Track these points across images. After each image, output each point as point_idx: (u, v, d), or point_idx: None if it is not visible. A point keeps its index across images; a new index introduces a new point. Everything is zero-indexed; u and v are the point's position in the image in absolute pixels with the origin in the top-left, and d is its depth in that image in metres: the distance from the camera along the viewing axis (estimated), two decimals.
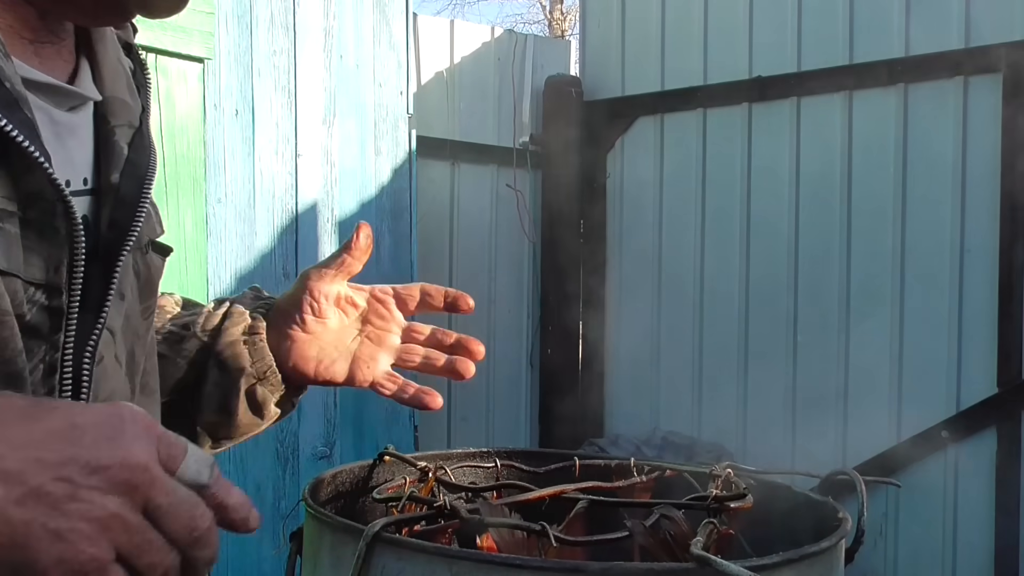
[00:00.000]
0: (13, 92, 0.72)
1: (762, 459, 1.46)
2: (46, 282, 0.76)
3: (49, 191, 0.75)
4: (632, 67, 4.80)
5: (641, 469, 1.15)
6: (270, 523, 3.25)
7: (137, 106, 0.91)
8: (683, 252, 4.58)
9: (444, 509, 0.87)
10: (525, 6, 23.79)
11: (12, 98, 0.72)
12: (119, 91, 0.89)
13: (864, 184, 4.06)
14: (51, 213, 0.76)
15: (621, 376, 4.83)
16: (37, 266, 0.75)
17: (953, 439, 3.84)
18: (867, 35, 4.05)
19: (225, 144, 3.42)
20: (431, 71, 4.66)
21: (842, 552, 0.88)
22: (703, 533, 0.84)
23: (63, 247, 0.77)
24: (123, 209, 0.84)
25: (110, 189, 0.84)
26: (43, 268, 0.76)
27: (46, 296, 0.76)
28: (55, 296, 0.77)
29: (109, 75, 0.88)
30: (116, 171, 0.85)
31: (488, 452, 1.23)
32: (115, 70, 0.90)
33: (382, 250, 3.98)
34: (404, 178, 4.07)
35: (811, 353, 4.21)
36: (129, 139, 0.87)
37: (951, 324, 3.85)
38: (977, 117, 3.80)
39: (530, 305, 5.04)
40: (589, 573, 0.72)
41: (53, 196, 0.75)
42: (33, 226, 0.75)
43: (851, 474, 0.99)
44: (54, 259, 0.77)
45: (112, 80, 0.88)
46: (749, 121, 4.39)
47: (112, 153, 0.85)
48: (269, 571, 3.37)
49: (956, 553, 3.86)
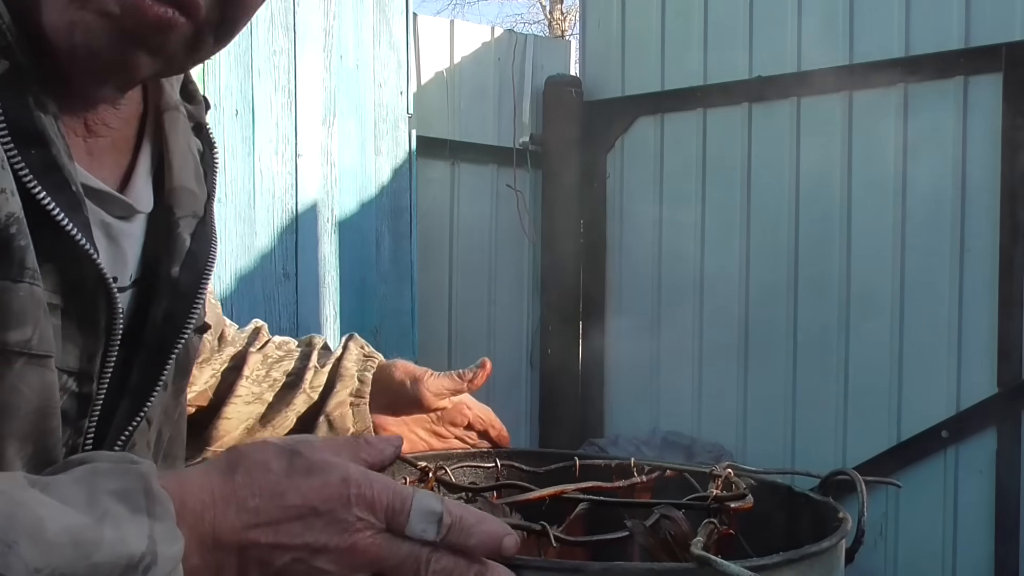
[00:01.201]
0: (77, 195, 0.74)
1: (762, 459, 1.46)
2: (79, 370, 0.77)
3: (93, 283, 0.76)
4: (632, 67, 4.79)
5: (641, 469, 1.15)
6: None
7: (203, 193, 0.91)
8: (683, 252, 4.58)
9: None
10: (525, 6, 23.81)
11: (76, 201, 0.73)
12: (187, 180, 0.88)
13: (864, 184, 4.06)
14: (93, 305, 0.77)
15: (621, 376, 4.82)
16: (72, 354, 0.76)
17: (953, 439, 3.84)
18: (867, 35, 4.05)
19: (225, 144, 3.42)
20: (431, 71, 4.66)
21: (842, 552, 0.88)
22: (703, 533, 0.84)
23: (100, 338, 0.78)
24: (180, 302, 0.85)
25: (168, 282, 0.84)
26: (78, 357, 0.77)
27: (77, 383, 0.77)
28: (86, 383, 0.78)
29: (178, 164, 0.88)
30: (176, 264, 0.85)
31: (488, 452, 1.23)
32: (184, 158, 0.89)
33: (382, 250, 3.98)
34: (404, 178, 4.07)
35: (811, 353, 4.21)
36: (192, 229, 0.87)
37: (951, 324, 3.85)
38: (977, 117, 3.80)
39: (530, 305, 5.04)
40: (589, 573, 0.72)
41: (97, 288, 0.76)
42: (73, 316, 0.76)
43: (851, 474, 0.99)
44: (89, 349, 0.78)
45: (181, 169, 0.88)
46: (749, 121, 4.39)
47: (174, 246, 0.85)
48: None
49: (956, 553, 3.86)
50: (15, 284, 0.68)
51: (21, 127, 0.70)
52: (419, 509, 0.67)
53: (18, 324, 0.69)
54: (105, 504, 0.60)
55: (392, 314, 3.99)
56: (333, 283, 3.80)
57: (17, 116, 0.70)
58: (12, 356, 0.69)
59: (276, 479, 0.66)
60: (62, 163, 0.72)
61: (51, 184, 0.71)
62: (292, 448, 0.69)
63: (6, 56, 0.70)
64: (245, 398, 1.19)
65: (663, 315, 4.66)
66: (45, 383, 0.71)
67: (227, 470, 0.67)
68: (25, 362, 0.70)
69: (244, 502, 0.65)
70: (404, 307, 4.06)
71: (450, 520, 0.68)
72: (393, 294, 4.02)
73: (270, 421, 1.20)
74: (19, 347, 0.69)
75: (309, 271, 3.73)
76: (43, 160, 0.71)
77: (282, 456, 0.68)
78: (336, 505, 0.66)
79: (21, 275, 0.68)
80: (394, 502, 0.67)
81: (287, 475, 0.67)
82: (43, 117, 0.72)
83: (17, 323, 0.68)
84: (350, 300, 3.83)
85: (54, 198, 0.71)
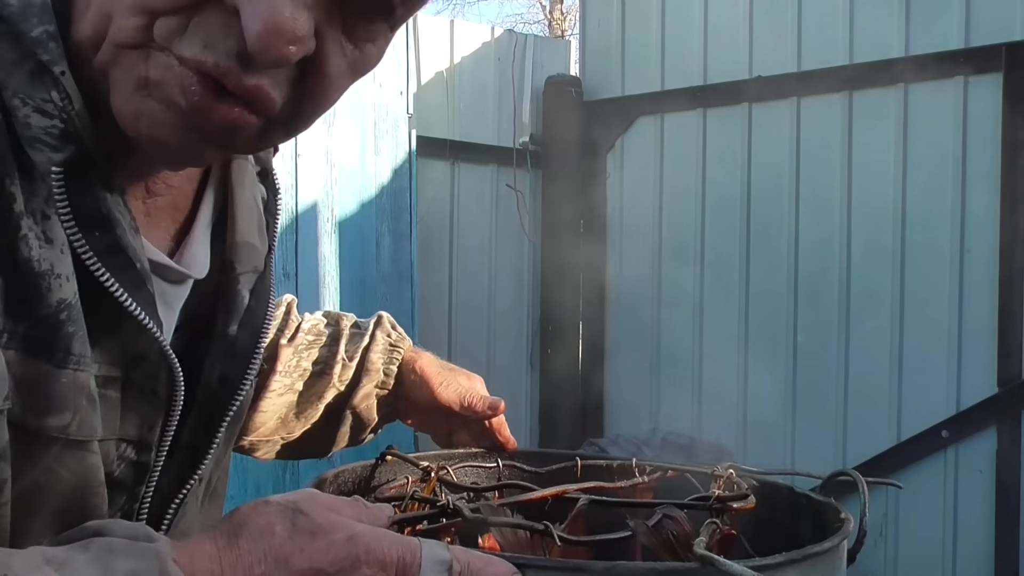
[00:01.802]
0: (142, 273, 0.73)
1: (762, 459, 1.46)
2: (138, 439, 0.77)
3: (155, 357, 0.76)
4: (632, 67, 4.79)
5: (643, 469, 1.16)
6: None
7: (264, 247, 0.89)
8: (683, 252, 4.58)
9: (447, 509, 0.87)
10: (525, 6, 23.82)
11: (140, 279, 0.73)
12: (249, 235, 0.86)
13: (864, 184, 4.06)
14: (154, 378, 0.77)
15: (621, 376, 4.83)
16: (132, 423, 0.76)
17: (953, 439, 3.84)
18: (867, 35, 4.05)
19: None
20: (431, 71, 4.66)
21: (844, 552, 0.88)
22: (706, 533, 0.84)
23: (161, 409, 0.78)
24: (236, 363, 0.83)
25: (225, 341, 0.83)
26: (137, 426, 0.77)
27: (135, 452, 0.77)
28: (144, 452, 0.78)
29: (243, 217, 0.86)
30: (235, 323, 0.83)
31: (490, 452, 1.23)
32: (249, 210, 0.87)
33: (382, 250, 3.98)
34: (404, 178, 4.07)
35: (811, 353, 4.21)
36: (251, 285, 0.86)
37: (951, 324, 3.85)
38: (977, 117, 3.80)
39: (530, 305, 5.04)
40: (592, 573, 0.72)
41: (159, 362, 0.76)
42: (134, 387, 0.76)
43: (853, 475, 0.99)
44: (149, 419, 0.78)
45: (246, 224, 0.86)
46: (749, 121, 4.39)
47: (233, 303, 0.84)
48: None
49: (956, 553, 3.86)
50: (58, 370, 0.68)
51: (86, 211, 0.69)
52: (429, 559, 0.68)
53: (58, 410, 0.68)
54: None
55: (392, 314, 3.98)
56: (333, 283, 3.80)
57: (82, 200, 0.69)
58: (50, 441, 0.69)
59: (280, 543, 0.66)
60: (126, 243, 0.71)
61: (115, 265, 0.71)
62: (294, 507, 0.68)
63: (72, 141, 0.68)
64: (278, 391, 1.19)
65: (663, 315, 4.66)
66: (85, 465, 0.71)
67: (232, 535, 0.67)
68: (63, 447, 0.70)
69: (250, 569, 0.65)
70: (404, 307, 4.06)
71: (459, 567, 0.68)
72: (393, 294, 4.02)
73: (302, 413, 1.21)
74: (57, 432, 0.69)
75: (309, 271, 3.73)
76: (107, 242, 0.71)
77: (284, 517, 0.68)
78: (345, 565, 0.66)
79: (65, 362, 0.68)
80: (404, 555, 0.67)
81: (291, 538, 0.66)
82: (108, 197, 0.71)
83: (57, 409, 0.68)
84: (350, 300, 3.83)
85: (118, 279, 0.71)
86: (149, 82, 0.66)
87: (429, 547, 0.68)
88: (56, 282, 0.68)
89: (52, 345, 0.68)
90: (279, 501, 0.69)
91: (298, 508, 0.69)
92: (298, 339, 1.24)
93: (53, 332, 0.68)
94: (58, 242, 0.68)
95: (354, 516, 0.72)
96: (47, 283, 0.67)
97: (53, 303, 0.67)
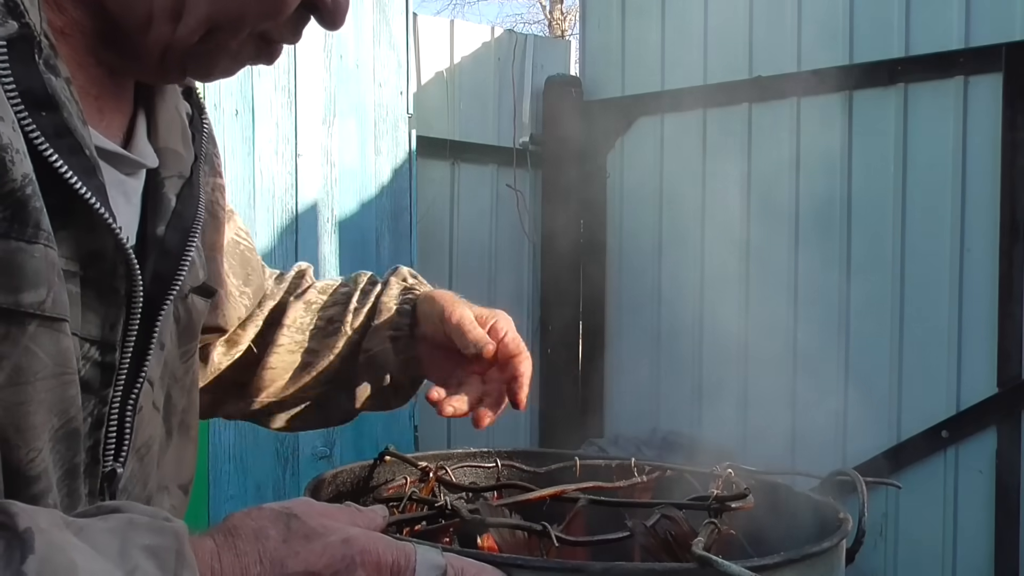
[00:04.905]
0: (91, 160, 0.73)
1: (762, 459, 1.46)
2: (101, 339, 0.77)
3: (112, 251, 0.76)
4: (632, 67, 4.79)
5: (642, 469, 1.16)
6: None
7: (190, 155, 0.91)
8: (683, 252, 4.58)
9: (445, 509, 0.87)
10: (525, 6, 23.81)
11: (90, 165, 0.73)
12: (173, 142, 0.89)
13: (864, 184, 4.06)
14: (112, 273, 0.76)
15: (621, 376, 4.82)
16: (93, 323, 0.76)
17: (953, 439, 3.84)
18: (867, 35, 4.05)
19: (225, 144, 3.42)
20: (431, 71, 4.66)
21: (843, 552, 0.88)
22: (704, 533, 0.84)
23: (121, 306, 0.78)
24: (166, 261, 0.84)
25: (155, 241, 0.84)
26: (99, 325, 0.76)
27: (99, 352, 0.77)
28: (108, 352, 0.78)
29: (164, 126, 0.89)
30: (162, 223, 0.85)
31: (488, 452, 1.23)
32: (171, 120, 0.90)
33: (382, 250, 3.98)
34: (404, 178, 4.07)
35: (811, 353, 4.20)
36: (178, 190, 0.87)
37: (951, 324, 3.85)
38: (977, 117, 3.80)
39: (530, 305, 5.04)
40: (591, 573, 0.72)
41: (116, 256, 0.76)
42: (92, 285, 0.75)
43: (852, 474, 0.99)
44: (111, 317, 0.77)
45: (167, 131, 0.89)
46: (749, 121, 4.39)
47: (159, 205, 0.85)
48: None
49: (956, 553, 3.86)
50: (30, 245, 0.67)
51: (31, 88, 0.70)
52: (423, 563, 0.68)
53: (32, 286, 0.68)
54: (136, 558, 0.60)
55: None
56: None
57: (27, 76, 0.69)
58: (26, 318, 0.68)
59: (275, 546, 0.67)
60: (74, 127, 0.72)
61: (64, 148, 0.71)
62: (288, 512, 0.69)
63: (15, 18, 0.69)
64: (288, 347, 1.18)
65: (663, 315, 4.66)
66: (60, 348, 0.71)
67: (228, 535, 0.67)
68: (39, 324, 0.69)
69: (247, 569, 0.66)
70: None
71: (453, 572, 0.69)
72: None
73: (315, 366, 1.18)
74: (33, 308, 0.68)
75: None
76: (55, 123, 0.71)
77: (279, 522, 0.68)
78: (340, 568, 0.66)
79: (36, 236, 0.68)
80: (399, 559, 0.68)
81: (286, 541, 0.67)
82: (54, 80, 0.71)
83: (31, 285, 0.68)
84: None
85: (67, 162, 0.71)
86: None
87: (424, 551, 0.69)
88: (17, 156, 0.67)
89: (23, 220, 0.67)
90: (273, 507, 0.70)
91: (292, 513, 0.69)
92: (309, 295, 1.22)
93: (22, 207, 0.67)
94: (8, 119, 0.68)
95: (348, 520, 0.72)
96: (9, 156, 0.66)
97: (18, 177, 0.67)
